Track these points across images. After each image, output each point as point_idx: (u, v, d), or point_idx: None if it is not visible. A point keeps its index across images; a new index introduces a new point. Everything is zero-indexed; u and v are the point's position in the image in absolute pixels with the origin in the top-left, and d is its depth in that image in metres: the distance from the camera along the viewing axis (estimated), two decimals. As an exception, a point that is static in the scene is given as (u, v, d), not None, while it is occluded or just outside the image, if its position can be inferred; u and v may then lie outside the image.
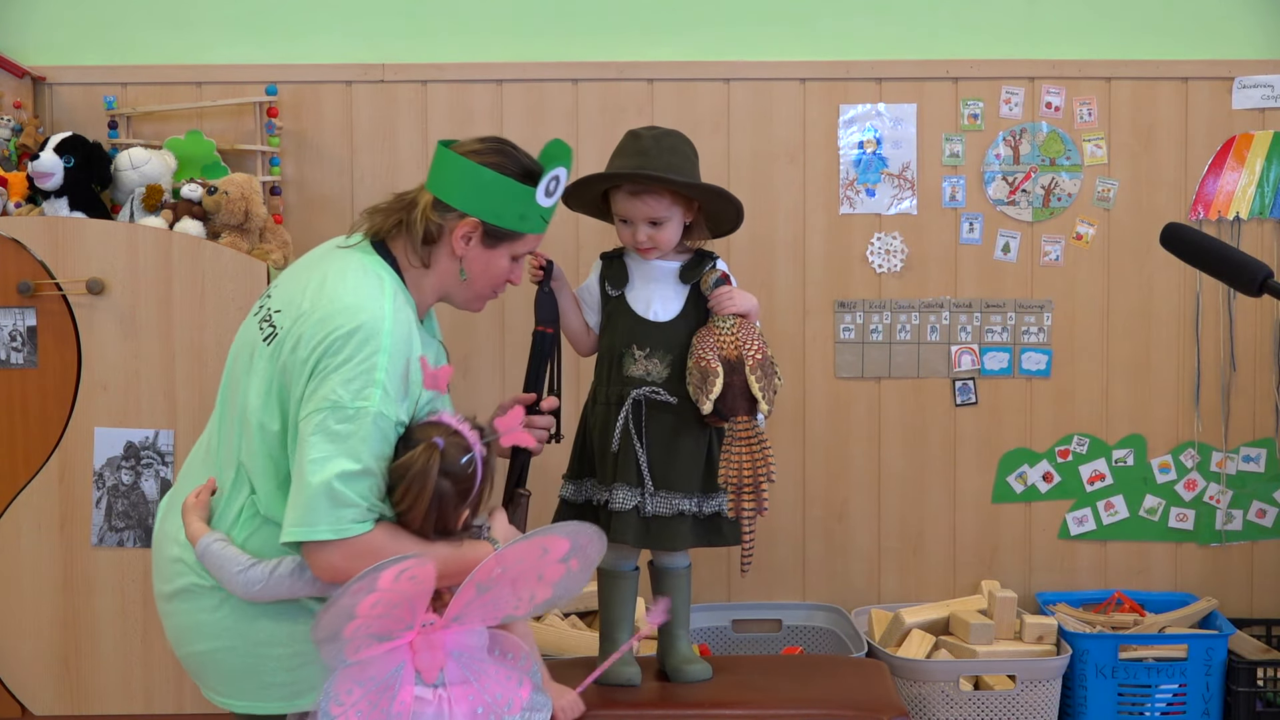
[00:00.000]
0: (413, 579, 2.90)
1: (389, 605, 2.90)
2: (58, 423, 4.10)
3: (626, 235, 3.63)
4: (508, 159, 3.26)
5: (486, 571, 2.98)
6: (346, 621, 2.87)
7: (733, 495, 3.49)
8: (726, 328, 3.54)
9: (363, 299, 3.15)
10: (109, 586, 4.09)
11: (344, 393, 3.07)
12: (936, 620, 4.48)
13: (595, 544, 3.05)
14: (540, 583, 3.04)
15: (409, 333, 3.16)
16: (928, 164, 4.62)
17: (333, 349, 3.10)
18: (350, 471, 3.05)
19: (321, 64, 4.52)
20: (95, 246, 4.07)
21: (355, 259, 3.27)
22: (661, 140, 3.60)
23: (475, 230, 3.25)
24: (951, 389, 4.66)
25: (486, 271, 3.31)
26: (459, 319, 4.44)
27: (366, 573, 2.85)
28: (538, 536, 3.00)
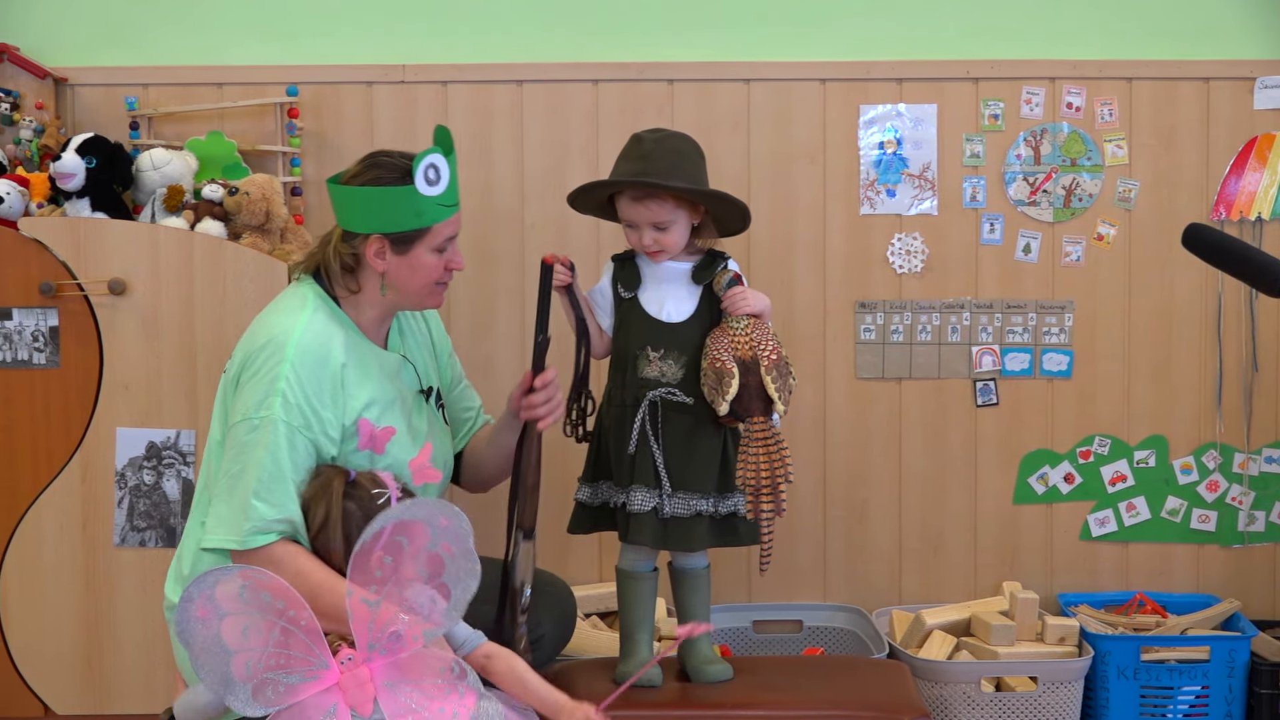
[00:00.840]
0: (265, 597, 2.92)
1: (262, 629, 2.92)
2: (80, 423, 4.12)
3: (633, 239, 3.65)
4: (382, 169, 3.41)
5: (360, 587, 2.99)
6: (224, 658, 2.91)
7: (750, 497, 3.51)
8: (740, 328, 3.56)
9: (278, 318, 3.40)
10: (131, 586, 4.11)
11: (250, 404, 3.29)
12: (958, 621, 4.47)
13: (453, 520, 3.05)
14: (430, 581, 3.03)
15: (324, 344, 3.34)
16: (948, 164, 4.61)
17: (247, 366, 3.37)
18: (253, 481, 3.22)
19: (342, 65, 4.53)
20: (117, 247, 4.08)
21: (291, 289, 3.52)
22: (663, 143, 3.61)
23: (382, 244, 3.43)
24: (972, 390, 4.66)
25: (415, 273, 3.47)
26: (479, 320, 4.55)
27: (193, 593, 2.89)
28: (385, 528, 3.00)
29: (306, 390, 3.32)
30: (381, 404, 3.48)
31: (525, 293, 4.47)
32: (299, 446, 3.30)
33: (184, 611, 2.91)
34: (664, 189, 3.54)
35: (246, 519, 3.24)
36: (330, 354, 3.37)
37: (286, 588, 2.95)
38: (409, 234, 3.42)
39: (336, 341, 3.40)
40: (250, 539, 3.23)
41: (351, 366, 3.42)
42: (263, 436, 3.27)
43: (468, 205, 4.28)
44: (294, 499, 3.27)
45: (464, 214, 4.23)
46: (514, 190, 4.58)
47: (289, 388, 3.29)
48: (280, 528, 3.25)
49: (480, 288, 4.59)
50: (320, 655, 2.98)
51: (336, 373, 3.38)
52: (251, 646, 2.93)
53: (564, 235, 4.48)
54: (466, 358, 4.29)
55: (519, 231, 4.58)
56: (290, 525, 3.26)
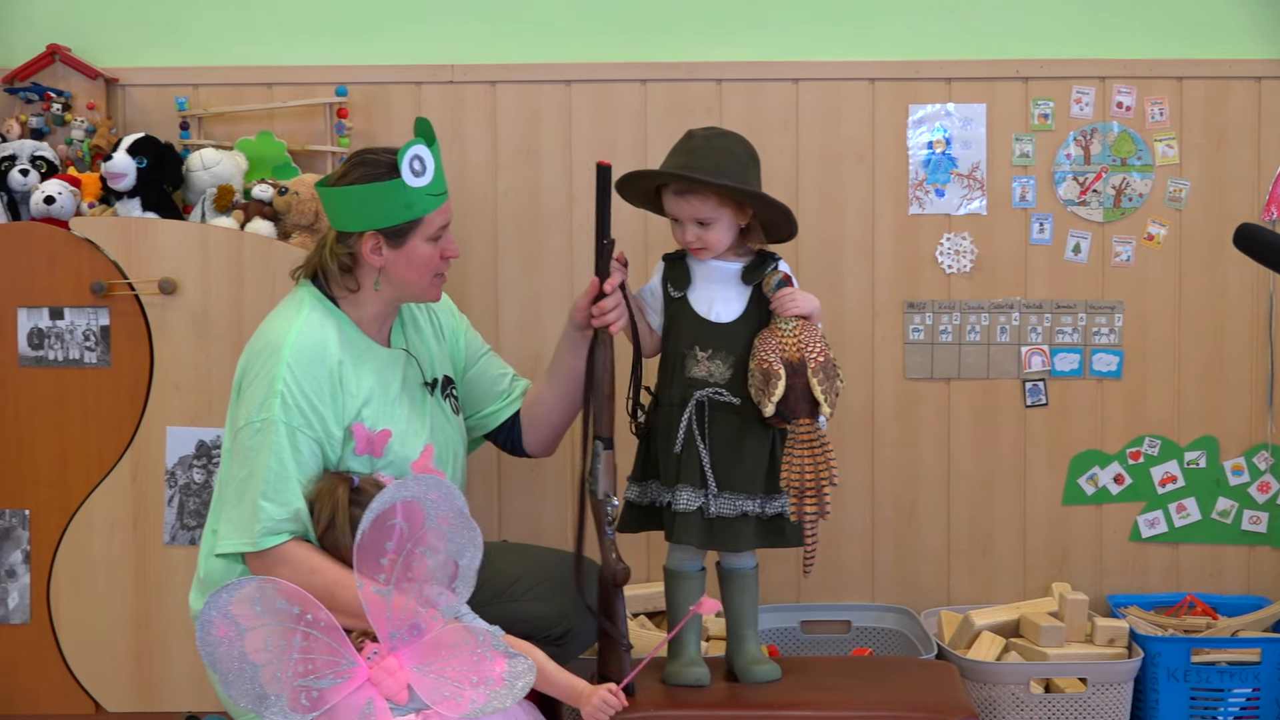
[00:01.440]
0: (279, 605, 2.94)
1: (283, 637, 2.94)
2: (130, 422, 4.15)
3: (678, 234, 3.66)
4: (367, 166, 3.45)
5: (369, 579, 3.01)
6: (253, 674, 2.93)
7: (794, 498, 3.50)
8: (789, 329, 3.55)
9: (275, 323, 3.47)
10: (181, 584, 4.08)
11: (251, 409, 3.35)
12: (1007, 622, 4.46)
13: (443, 492, 3.11)
14: (435, 558, 3.07)
15: (319, 343, 3.39)
16: (997, 164, 4.60)
17: (248, 371, 3.44)
18: (260, 483, 3.26)
19: (391, 65, 4.54)
20: (167, 247, 4.11)
21: (289, 296, 3.56)
22: (713, 140, 3.62)
23: (377, 240, 3.47)
24: (1022, 390, 4.64)
25: (412, 265, 3.50)
26: (528, 320, 4.56)
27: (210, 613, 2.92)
28: (378, 512, 3.03)
29: (305, 389, 3.37)
30: (380, 400, 3.52)
31: (573, 292, 4.43)
32: (302, 446, 3.35)
33: (206, 634, 2.94)
34: (700, 183, 3.54)
35: (257, 521, 3.29)
36: (326, 353, 3.42)
37: (299, 591, 2.98)
38: (402, 226, 3.46)
39: (332, 340, 3.45)
40: (262, 540, 3.28)
41: (349, 364, 3.46)
42: (265, 439, 3.33)
43: (515, 205, 4.47)
44: (300, 499, 3.32)
45: (512, 215, 4.43)
46: (562, 190, 4.58)
47: (286, 389, 3.34)
48: (290, 527, 3.31)
49: (528, 288, 4.59)
50: (346, 654, 3.01)
51: (334, 370, 3.42)
52: (276, 656, 2.96)
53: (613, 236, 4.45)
54: (515, 357, 4.34)
55: (567, 232, 4.58)
56: (300, 524, 3.31)
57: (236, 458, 3.38)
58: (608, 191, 3.62)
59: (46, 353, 4.13)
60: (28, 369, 4.14)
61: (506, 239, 4.58)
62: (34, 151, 4.36)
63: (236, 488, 3.35)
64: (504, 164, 4.57)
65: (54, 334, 4.13)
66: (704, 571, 3.73)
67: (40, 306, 4.13)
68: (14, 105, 4.49)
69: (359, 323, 3.54)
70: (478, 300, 4.55)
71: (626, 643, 3.61)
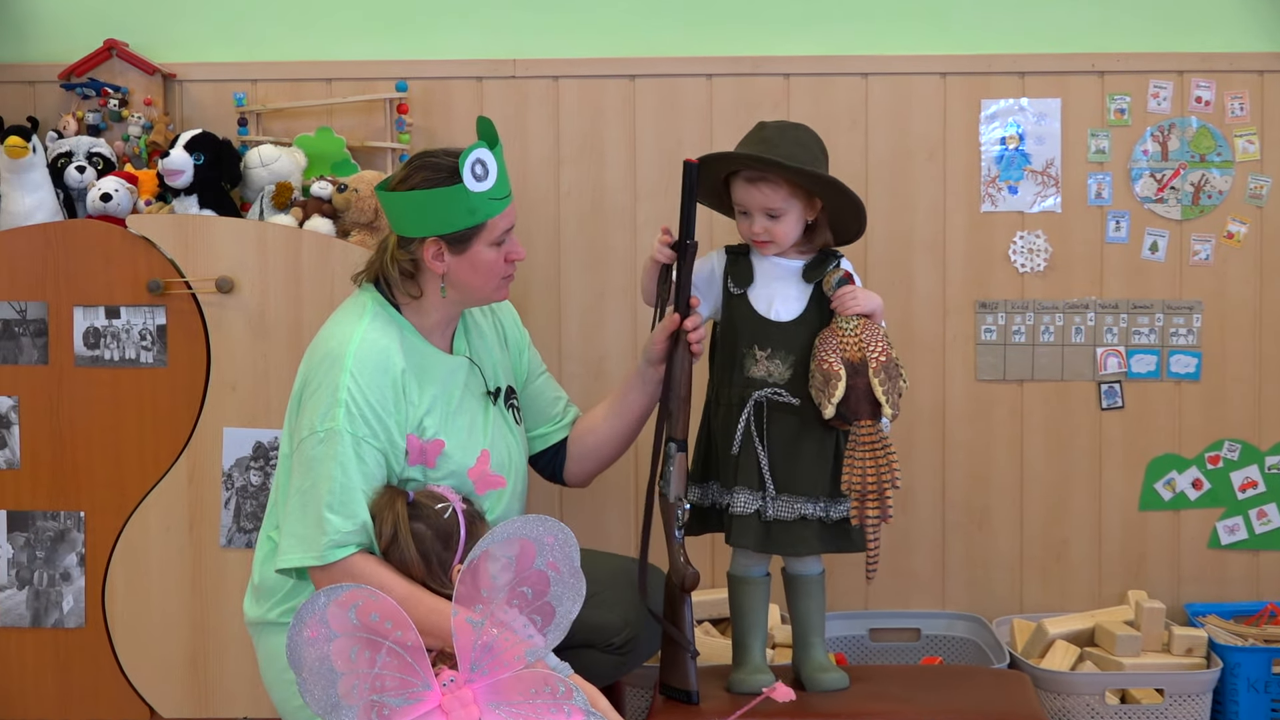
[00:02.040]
0: (374, 618, 2.92)
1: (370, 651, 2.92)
2: (187, 422, 4.14)
3: (744, 227, 3.64)
4: (429, 170, 3.41)
5: (465, 606, 2.99)
6: (332, 680, 2.91)
7: (856, 502, 3.48)
8: (850, 329, 3.53)
9: (336, 329, 3.45)
10: (237, 588, 4.05)
11: (315, 419, 3.36)
12: (1081, 631, 4.41)
13: (560, 537, 3.06)
14: (533, 601, 3.05)
15: (382, 351, 3.37)
16: (1072, 160, 4.56)
17: (310, 380, 3.41)
18: (325, 494, 3.25)
19: (452, 60, 4.53)
20: (225, 245, 4.11)
21: (351, 299, 3.54)
22: (787, 131, 3.61)
23: (439, 246, 3.44)
24: (1097, 392, 4.60)
25: (476, 270, 3.47)
26: (590, 321, 4.56)
27: (305, 614, 2.90)
28: (490, 546, 3.01)
29: (370, 398, 3.35)
30: (443, 410, 3.50)
31: (637, 292, 4.38)
32: (367, 457, 3.33)
33: (295, 633, 2.92)
34: (780, 168, 3.53)
35: (323, 534, 3.27)
36: (390, 360, 3.40)
37: (395, 608, 2.95)
38: (464, 232, 3.43)
39: (395, 347, 3.43)
40: (329, 554, 3.27)
41: (412, 372, 3.44)
42: (330, 449, 3.31)
43: (579, 202, 4.47)
44: (367, 511, 3.31)
45: (575, 213, 4.44)
46: (626, 188, 4.56)
47: (350, 398, 3.33)
48: (357, 539, 3.29)
49: (591, 288, 4.58)
50: (424, 676, 2.99)
51: (397, 379, 3.40)
52: (359, 669, 2.94)
53: (678, 235, 4.43)
54: (577, 359, 4.52)
55: (631, 231, 4.57)
56: (366, 536, 3.30)
57: (299, 468, 3.36)
58: (694, 191, 3.59)
59: (102, 352, 4.13)
60: (83, 369, 4.14)
61: (569, 238, 4.56)
62: (90, 148, 4.36)
63: (299, 500, 3.33)
64: (567, 161, 4.56)
65: (110, 333, 4.13)
66: (769, 578, 3.72)
67: (96, 305, 4.12)
68: (71, 101, 4.49)
69: (422, 329, 3.52)
70: (540, 300, 4.55)
71: (693, 649, 3.58)
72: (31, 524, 4.19)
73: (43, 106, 4.55)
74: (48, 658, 4.21)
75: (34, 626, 4.21)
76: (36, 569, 4.19)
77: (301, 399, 3.44)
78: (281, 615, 3.45)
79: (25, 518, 4.19)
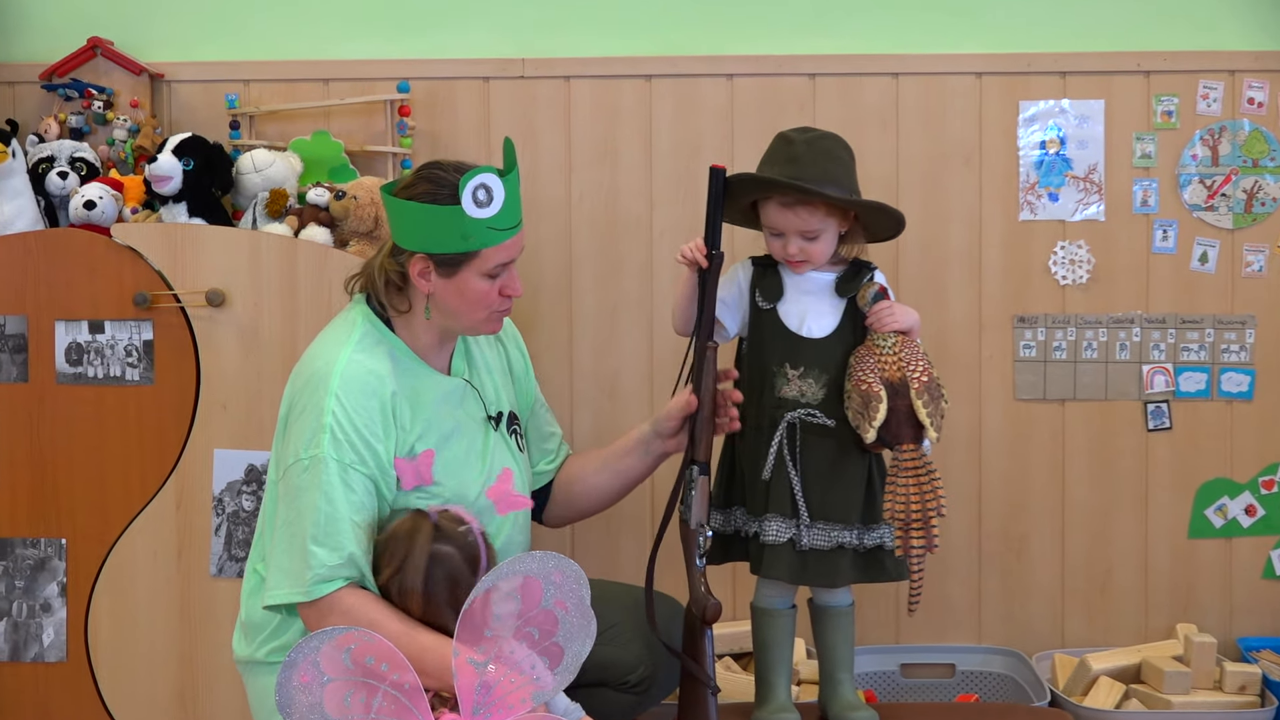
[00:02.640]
0: (369, 660, 2.89)
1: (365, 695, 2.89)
2: (175, 444, 4.08)
3: (777, 248, 3.57)
4: (432, 184, 3.33)
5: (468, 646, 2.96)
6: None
7: (899, 531, 3.40)
8: (887, 346, 3.46)
9: (322, 349, 3.39)
10: (228, 620, 3.96)
11: (299, 446, 3.27)
12: (1127, 667, 4.35)
13: (568, 574, 3.02)
14: (540, 641, 3.02)
15: (371, 372, 3.34)
16: (1116, 166, 4.49)
17: (294, 404, 3.36)
18: (309, 526, 3.20)
19: (457, 59, 4.48)
20: (215, 255, 4.06)
21: (340, 316, 3.49)
22: (815, 145, 3.54)
23: (427, 264, 3.36)
24: (1143, 412, 4.53)
25: (463, 298, 3.39)
26: (603, 336, 4.51)
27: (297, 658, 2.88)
28: (494, 582, 2.99)
29: (356, 422, 3.27)
30: (439, 434, 3.42)
31: (653, 305, 4.45)
32: (355, 485, 3.26)
33: (286, 679, 2.89)
34: (822, 198, 3.46)
35: (308, 568, 3.20)
36: (379, 383, 3.33)
37: (391, 649, 2.92)
38: (454, 256, 3.34)
39: (386, 369, 3.36)
40: (314, 589, 3.20)
41: (403, 394, 3.37)
42: (314, 478, 3.24)
43: (592, 209, 4.51)
44: (355, 541, 3.22)
45: (587, 221, 4.47)
46: (641, 195, 4.50)
47: (336, 422, 3.25)
48: (345, 573, 3.21)
49: (604, 301, 4.52)
50: (424, 718, 2.96)
51: (386, 402, 3.33)
52: (353, 714, 2.92)
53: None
54: (589, 378, 4.49)
55: (647, 240, 4.50)
56: (355, 569, 3.22)
57: (284, 499, 3.30)
58: (721, 199, 3.54)
59: (85, 369, 4.08)
60: (65, 386, 4.09)
61: (581, 248, 4.49)
62: (73, 152, 4.33)
63: (285, 532, 3.27)
64: (579, 165, 4.50)
65: (94, 349, 4.08)
66: (795, 610, 3.66)
67: (79, 319, 4.08)
68: (53, 103, 4.45)
69: (416, 350, 3.46)
70: (550, 314, 4.50)
71: (713, 685, 3.51)
72: (10, 551, 4.13)
73: (22, 108, 4.51)
74: (27, 693, 4.16)
75: (12, 660, 4.16)
76: (15, 599, 4.14)
77: (286, 424, 3.37)
78: (270, 654, 3.39)
79: (3, 545, 4.13)
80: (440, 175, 3.35)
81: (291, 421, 3.33)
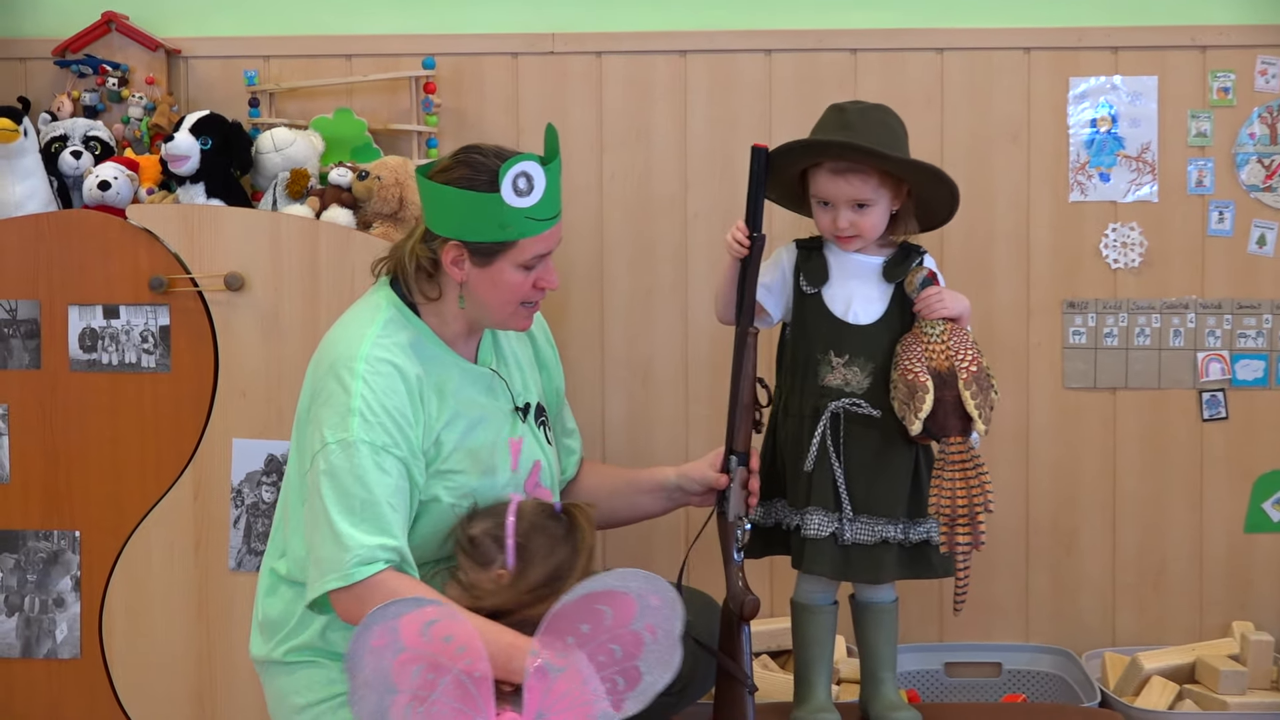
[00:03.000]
0: (447, 639, 2.90)
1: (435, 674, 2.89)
2: (192, 433, 4.07)
3: (826, 221, 3.52)
4: (471, 169, 3.29)
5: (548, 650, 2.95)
6: (386, 696, 2.87)
7: (945, 527, 3.39)
8: (935, 335, 3.43)
9: (346, 332, 3.36)
10: (247, 616, 3.91)
11: (327, 431, 3.23)
12: (1180, 666, 4.30)
13: (666, 600, 2.99)
14: (620, 660, 2.99)
15: (397, 355, 3.28)
16: (1170, 144, 4.43)
17: (319, 390, 3.31)
18: (345, 510, 3.17)
19: (484, 34, 4.45)
20: (234, 238, 4.03)
21: (364, 299, 3.47)
22: (868, 114, 3.52)
23: (461, 252, 3.32)
24: (1198, 401, 4.47)
25: (496, 290, 3.35)
26: (636, 322, 4.48)
27: (375, 619, 2.86)
28: (593, 591, 2.98)
29: (386, 405, 3.23)
30: (467, 420, 3.39)
31: (688, 290, 4.42)
32: (388, 468, 3.22)
33: (360, 638, 2.87)
34: (878, 157, 3.43)
35: (346, 551, 3.14)
36: (405, 365, 3.29)
37: (473, 634, 2.92)
38: (491, 245, 3.30)
39: (412, 352, 3.33)
40: (354, 571, 3.14)
41: (430, 379, 3.34)
42: (346, 461, 3.20)
43: (623, 191, 4.49)
44: (393, 524, 3.18)
45: (619, 202, 4.50)
46: (675, 175, 4.45)
47: (365, 404, 3.21)
48: (386, 555, 3.16)
49: (637, 286, 4.47)
50: (483, 713, 2.94)
51: (414, 386, 3.29)
52: (418, 690, 2.90)
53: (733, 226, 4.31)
54: (621, 364, 4.45)
55: (680, 222, 4.45)
56: (397, 554, 3.17)
57: (313, 487, 3.24)
58: (763, 179, 3.50)
59: (100, 356, 4.07)
60: (79, 374, 4.08)
61: (613, 229, 4.46)
62: (87, 131, 4.31)
63: (315, 520, 3.22)
64: (610, 145, 4.46)
65: (108, 335, 4.06)
66: (836, 605, 3.65)
67: (93, 304, 4.06)
68: (65, 79, 4.44)
69: (443, 337, 3.42)
70: (581, 299, 4.47)
71: (751, 684, 3.48)
72: (22, 544, 4.12)
73: (35, 86, 4.49)
74: (39, 691, 4.14)
75: (24, 657, 4.14)
76: (27, 594, 4.13)
77: (310, 410, 3.33)
78: (288, 653, 3.36)
79: (15, 538, 4.12)
80: (480, 160, 3.30)
81: (316, 408, 3.29)
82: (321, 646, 3.28)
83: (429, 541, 3.30)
